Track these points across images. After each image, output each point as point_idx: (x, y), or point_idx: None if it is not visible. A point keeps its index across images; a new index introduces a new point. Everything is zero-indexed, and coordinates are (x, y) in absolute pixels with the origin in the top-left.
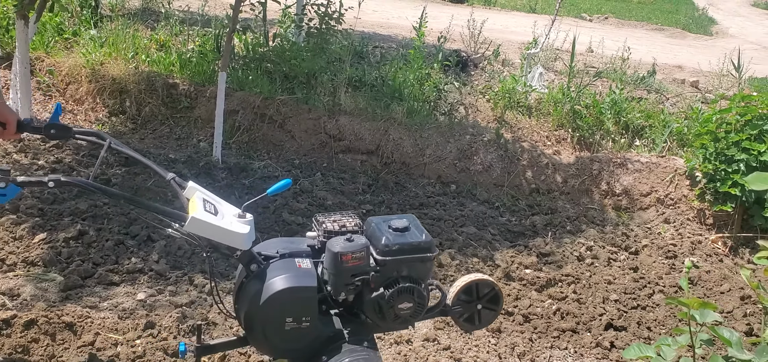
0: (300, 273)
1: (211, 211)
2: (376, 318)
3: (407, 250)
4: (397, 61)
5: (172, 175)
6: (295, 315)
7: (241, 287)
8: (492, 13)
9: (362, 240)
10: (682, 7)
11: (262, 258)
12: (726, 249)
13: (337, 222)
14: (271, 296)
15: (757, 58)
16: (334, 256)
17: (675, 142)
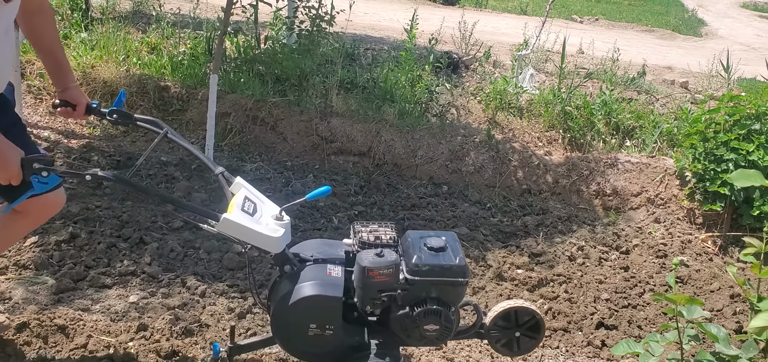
0: (328, 282)
1: (248, 211)
2: (402, 334)
3: (438, 272)
4: (389, 63)
5: (222, 169)
6: (319, 322)
7: (274, 286)
8: (483, 14)
9: (393, 257)
10: (671, 9)
11: (297, 260)
12: (715, 248)
13: (374, 233)
14: (297, 301)
15: (745, 58)
16: (362, 270)
17: (665, 142)
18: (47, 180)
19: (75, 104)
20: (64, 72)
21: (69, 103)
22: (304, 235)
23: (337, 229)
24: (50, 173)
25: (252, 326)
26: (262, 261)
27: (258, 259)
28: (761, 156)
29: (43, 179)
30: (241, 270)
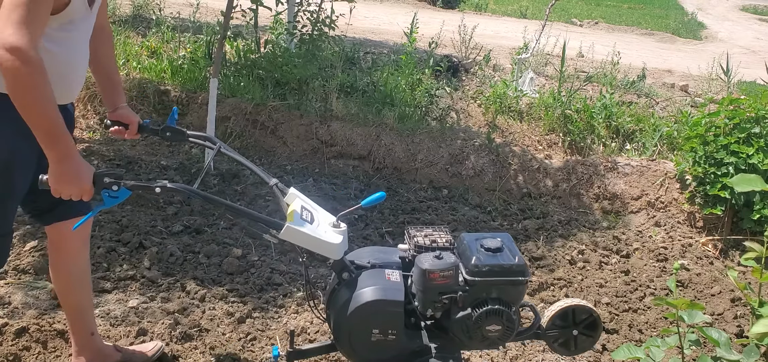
0: (388, 286)
1: (307, 219)
2: (463, 337)
3: (498, 272)
4: (389, 66)
5: (275, 180)
6: (382, 327)
7: (333, 293)
8: (483, 18)
9: (451, 259)
10: (671, 12)
11: (354, 267)
12: (716, 251)
13: (429, 237)
14: (359, 306)
15: (745, 61)
16: (422, 273)
17: (665, 145)
18: (117, 194)
19: (128, 123)
20: (117, 92)
21: (121, 122)
22: None
23: None
24: (120, 187)
25: (252, 330)
26: (260, 268)
27: (258, 264)
28: (761, 159)
29: (113, 193)
30: (240, 275)
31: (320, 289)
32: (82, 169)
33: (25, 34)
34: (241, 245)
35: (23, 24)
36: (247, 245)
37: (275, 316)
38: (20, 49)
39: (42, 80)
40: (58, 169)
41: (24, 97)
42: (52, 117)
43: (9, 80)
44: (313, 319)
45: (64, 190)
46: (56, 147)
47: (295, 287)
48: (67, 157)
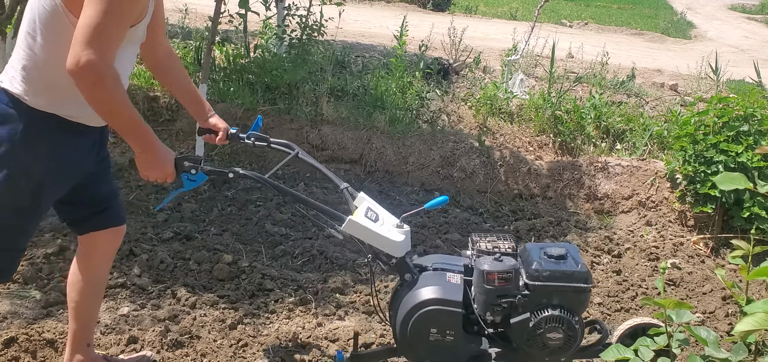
0: (447, 287)
1: (371, 218)
2: (522, 344)
3: (559, 278)
4: (379, 69)
5: (346, 184)
6: (439, 327)
7: (395, 294)
8: (472, 20)
9: (511, 262)
10: (661, 12)
11: (418, 269)
12: (707, 250)
13: (491, 243)
14: (417, 305)
15: (734, 60)
16: (481, 274)
17: (655, 144)
18: (195, 177)
19: (217, 131)
20: (201, 104)
21: (211, 130)
22: (295, 243)
23: (328, 238)
24: (198, 171)
25: (243, 337)
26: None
27: (248, 270)
28: (750, 157)
29: (191, 177)
30: (231, 281)
31: (311, 293)
32: (164, 155)
33: (99, 51)
34: (232, 251)
35: (98, 42)
36: (238, 251)
37: (267, 322)
38: (95, 65)
39: (116, 88)
40: (143, 157)
41: (103, 106)
42: (131, 116)
43: (87, 93)
44: (306, 325)
45: (149, 174)
46: (139, 140)
47: (286, 292)
48: (150, 147)
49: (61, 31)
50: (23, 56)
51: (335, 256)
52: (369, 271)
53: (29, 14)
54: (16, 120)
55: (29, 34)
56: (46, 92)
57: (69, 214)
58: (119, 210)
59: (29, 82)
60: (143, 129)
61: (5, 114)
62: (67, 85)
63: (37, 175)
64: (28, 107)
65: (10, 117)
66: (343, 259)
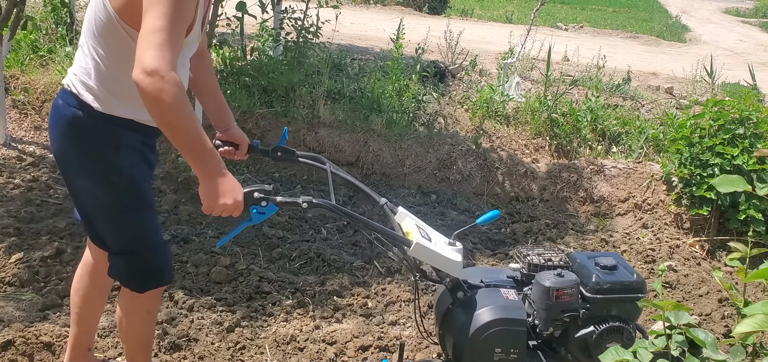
0: (509, 305)
1: (426, 237)
2: (581, 356)
3: (618, 289)
4: (376, 72)
5: (384, 200)
6: (505, 346)
7: (447, 313)
8: (468, 23)
9: (573, 277)
10: (656, 15)
11: (467, 286)
12: (703, 252)
13: (542, 256)
14: (482, 326)
15: (729, 63)
16: (546, 291)
17: (651, 147)
18: (265, 210)
19: (238, 143)
20: (225, 112)
21: (232, 142)
22: (293, 246)
23: (325, 240)
24: (269, 203)
25: (241, 340)
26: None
27: (246, 273)
28: (746, 160)
29: (261, 209)
30: (228, 284)
31: (309, 296)
32: (232, 185)
33: (164, 58)
34: (229, 253)
35: (162, 47)
36: (235, 254)
37: (264, 325)
38: (160, 72)
39: (182, 100)
40: (208, 186)
41: (166, 118)
42: (197, 135)
43: (150, 103)
44: (303, 328)
45: (214, 207)
46: (204, 164)
47: (283, 295)
48: (216, 174)
49: (118, 41)
50: (87, 63)
51: (333, 259)
52: (414, 291)
53: (87, 23)
54: (87, 122)
55: (89, 42)
56: (110, 98)
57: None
58: None
59: (92, 88)
60: (210, 151)
61: (74, 117)
62: (129, 92)
63: (126, 169)
64: (97, 111)
65: (81, 120)
66: (340, 262)
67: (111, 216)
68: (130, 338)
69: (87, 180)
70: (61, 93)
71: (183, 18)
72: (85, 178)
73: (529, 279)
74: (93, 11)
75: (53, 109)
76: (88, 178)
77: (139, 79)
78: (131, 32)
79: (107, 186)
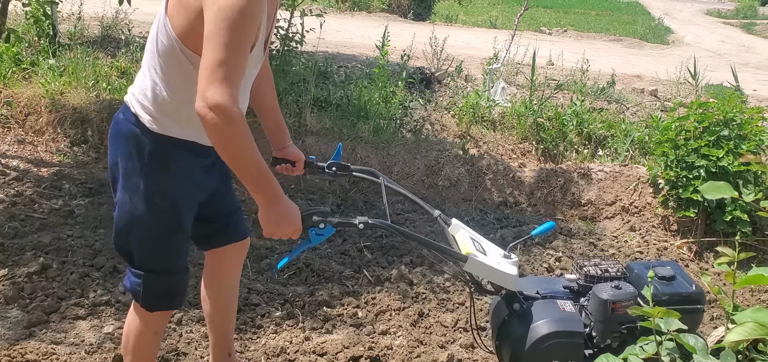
0: (567, 317)
1: (480, 250)
2: None
3: (677, 301)
4: (362, 80)
5: (439, 212)
6: (562, 358)
7: (504, 324)
8: (453, 29)
9: (630, 289)
10: (639, 18)
11: (522, 297)
12: (691, 254)
13: (599, 267)
14: (540, 338)
15: (712, 65)
16: (603, 303)
17: (637, 150)
18: (323, 231)
19: (294, 161)
20: (283, 131)
21: (289, 160)
22: (281, 257)
23: (314, 250)
24: (326, 225)
25: None
26: None
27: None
28: (731, 161)
29: (319, 231)
30: None
31: (298, 307)
32: (290, 210)
33: (226, 91)
34: None
35: (225, 81)
36: None
37: (254, 337)
38: (223, 107)
39: (244, 132)
40: (268, 212)
41: (229, 150)
42: (258, 164)
43: (214, 135)
44: (293, 339)
45: (275, 231)
46: (264, 192)
47: (272, 306)
48: (276, 200)
49: (179, 66)
50: (146, 83)
51: (322, 269)
52: (469, 301)
53: (150, 45)
54: (143, 141)
55: (150, 63)
56: (168, 121)
57: (194, 231)
58: (242, 224)
59: (151, 111)
60: (270, 179)
61: (132, 134)
62: (185, 115)
63: (171, 192)
64: (152, 132)
65: (137, 137)
66: (329, 271)
67: (144, 234)
68: (134, 356)
69: (131, 194)
70: (123, 108)
71: (244, 46)
72: (130, 192)
73: (585, 290)
74: (155, 34)
75: (114, 122)
76: (132, 192)
77: (202, 112)
78: (193, 58)
79: (149, 206)
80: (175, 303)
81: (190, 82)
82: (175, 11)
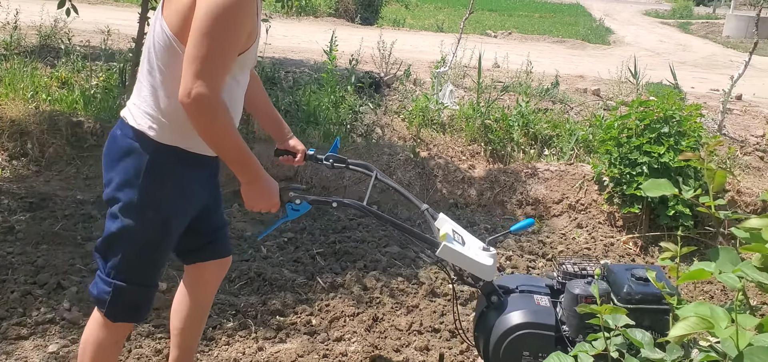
0: (540, 310)
1: (459, 241)
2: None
3: (650, 300)
4: (311, 85)
5: (426, 206)
6: (533, 350)
7: (481, 317)
8: (401, 33)
9: (603, 286)
10: (580, 19)
11: (502, 291)
12: (637, 248)
13: (577, 265)
14: (510, 328)
15: (651, 63)
16: (574, 298)
17: (581, 149)
18: (299, 207)
19: (295, 152)
20: (281, 125)
21: (289, 151)
22: (232, 266)
23: (266, 259)
24: (302, 201)
25: None
26: None
27: None
28: (672, 157)
29: (296, 206)
30: (166, 309)
31: (250, 317)
32: (270, 185)
33: (208, 83)
34: (166, 278)
35: (207, 73)
36: (172, 277)
37: (205, 350)
38: (204, 97)
39: (227, 120)
40: (250, 188)
41: (213, 138)
42: (239, 147)
43: (197, 124)
44: (246, 350)
45: (255, 205)
46: (246, 171)
47: (224, 317)
48: (257, 178)
49: (176, 63)
50: (145, 92)
51: (274, 277)
52: (452, 294)
53: (146, 52)
54: (141, 154)
55: (148, 70)
56: (169, 125)
57: (179, 244)
58: (226, 242)
59: (152, 117)
60: (251, 159)
61: (130, 147)
62: (183, 118)
63: (165, 207)
64: (152, 141)
65: (135, 150)
66: (282, 280)
67: (130, 246)
68: None
69: (122, 205)
70: (119, 124)
71: (229, 44)
72: (124, 205)
73: (563, 287)
74: (152, 39)
75: (110, 139)
76: (127, 205)
77: (185, 102)
78: None
79: (140, 219)
80: (139, 316)
81: None
82: (169, 11)
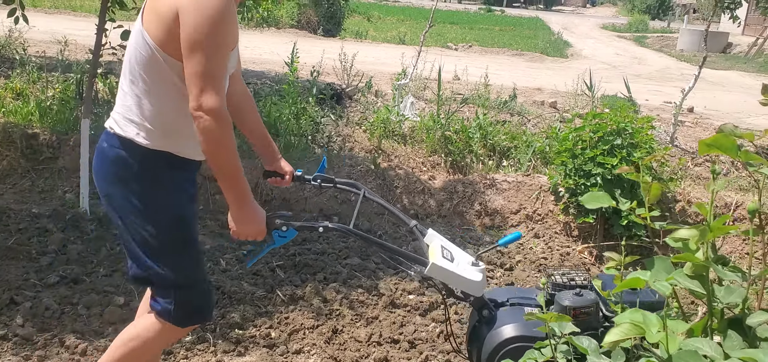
0: (530, 323)
1: (448, 257)
2: None
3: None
4: (272, 96)
5: (415, 222)
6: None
7: (474, 330)
8: (363, 45)
9: (591, 296)
10: (539, 33)
11: (493, 304)
12: (592, 258)
13: (566, 276)
14: (502, 342)
15: (607, 76)
16: (563, 310)
17: (538, 160)
18: (286, 234)
19: (283, 174)
20: (270, 147)
21: (278, 173)
22: None
23: (224, 272)
24: (289, 228)
25: None
26: None
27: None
28: None
29: (282, 233)
30: (123, 324)
31: (209, 330)
32: (257, 212)
33: (219, 96)
34: (123, 292)
35: (215, 87)
36: (129, 292)
37: None
38: (217, 111)
39: (231, 134)
40: (238, 211)
41: (218, 151)
42: (237, 166)
43: (207, 136)
44: None
45: (242, 231)
46: (236, 191)
47: None
48: (246, 202)
49: (161, 73)
50: (128, 101)
51: (233, 290)
52: (444, 309)
53: (127, 63)
54: (130, 162)
55: (131, 80)
56: (155, 131)
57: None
58: None
59: (137, 124)
60: (244, 182)
61: (117, 157)
62: (173, 124)
63: (171, 207)
64: (140, 147)
65: (124, 160)
66: (241, 293)
67: (158, 253)
68: (131, 357)
69: (133, 217)
70: (104, 136)
71: (225, 49)
72: (132, 215)
73: (553, 299)
74: (133, 50)
75: (97, 152)
76: (134, 215)
77: (197, 116)
78: (173, 64)
79: (154, 224)
80: (206, 315)
81: (173, 88)
82: (150, 21)
